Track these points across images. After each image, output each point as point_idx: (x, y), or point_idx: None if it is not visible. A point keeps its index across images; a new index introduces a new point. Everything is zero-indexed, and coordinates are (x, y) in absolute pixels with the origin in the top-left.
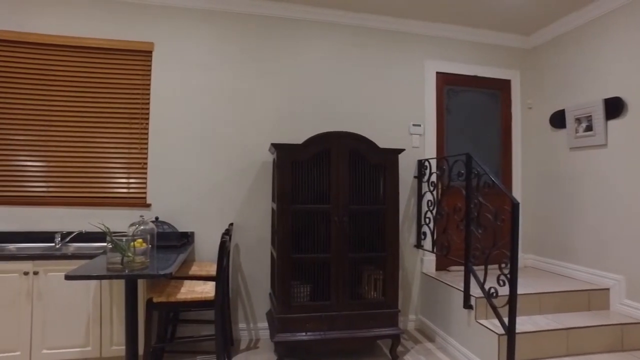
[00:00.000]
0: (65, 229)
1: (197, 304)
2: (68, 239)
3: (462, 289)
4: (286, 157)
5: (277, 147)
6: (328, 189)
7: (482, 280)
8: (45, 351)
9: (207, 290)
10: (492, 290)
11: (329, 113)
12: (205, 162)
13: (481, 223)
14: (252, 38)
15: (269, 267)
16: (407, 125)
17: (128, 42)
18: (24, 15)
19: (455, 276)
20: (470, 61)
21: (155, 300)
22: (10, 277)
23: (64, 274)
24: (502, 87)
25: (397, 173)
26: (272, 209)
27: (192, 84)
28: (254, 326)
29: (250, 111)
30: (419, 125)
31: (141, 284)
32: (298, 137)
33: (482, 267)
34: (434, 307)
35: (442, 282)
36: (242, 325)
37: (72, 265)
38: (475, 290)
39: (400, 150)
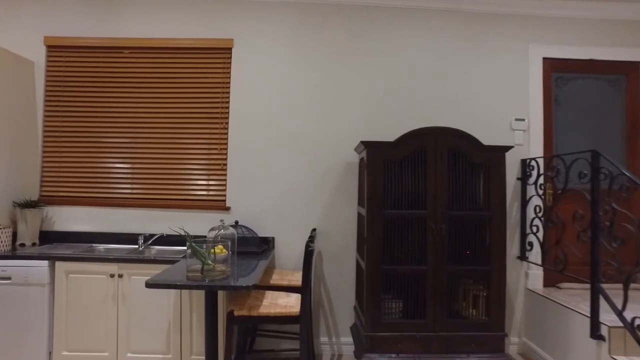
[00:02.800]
0: (148, 230)
1: (280, 319)
2: (150, 241)
3: (587, 314)
4: (377, 156)
5: (367, 145)
6: (424, 193)
7: (619, 306)
8: (129, 354)
9: (291, 303)
10: (639, 322)
11: (420, 108)
12: (286, 162)
13: (617, 234)
14: (335, 30)
15: (354, 277)
16: (509, 120)
17: (208, 39)
18: (113, 23)
19: (570, 295)
20: (584, 42)
21: (236, 313)
22: (98, 278)
23: (145, 278)
24: (627, 71)
25: (504, 174)
26: (359, 214)
27: (272, 81)
28: (336, 340)
29: (334, 108)
30: (523, 120)
31: (221, 293)
32: (385, 135)
33: (615, 287)
34: (542, 330)
35: (554, 301)
36: (323, 339)
37: (154, 270)
38: (606, 317)
39: (508, 148)
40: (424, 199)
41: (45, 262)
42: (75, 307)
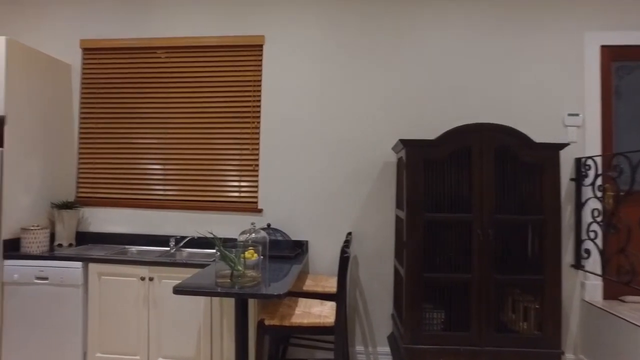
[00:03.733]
0: (180, 232)
1: (314, 329)
2: (181, 243)
3: None
4: (417, 155)
5: (406, 144)
6: (468, 195)
7: None
8: (160, 359)
9: (325, 312)
10: None
11: (462, 105)
12: (320, 163)
13: None
14: (370, 22)
15: (392, 284)
16: (561, 116)
17: (239, 37)
18: (145, 23)
19: (636, 310)
20: None
21: (267, 323)
22: (130, 281)
23: (175, 282)
24: None
25: (558, 174)
26: (397, 217)
27: (305, 78)
28: (372, 350)
29: (370, 106)
30: (577, 115)
31: (252, 300)
32: (425, 134)
33: None
34: (602, 347)
35: (618, 316)
36: (359, 348)
37: (184, 273)
38: None
39: (563, 145)
40: (469, 202)
41: (79, 264)
42: (107, 309)
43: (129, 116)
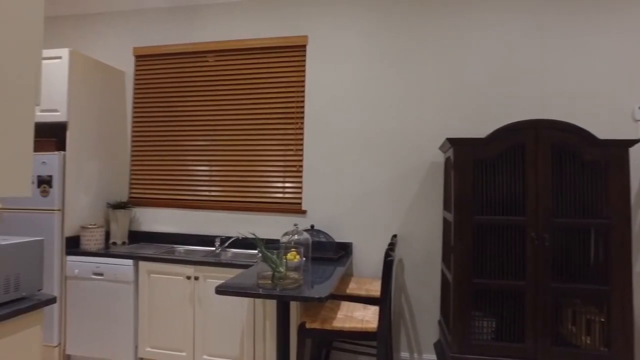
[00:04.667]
0: (225, 233)
1: (356, 335)
2: (226, 244)
3: None
4: (466, 154)
5: (454, 143)
6: (522, 197)
7: None
8: (205, 357)
9: (368, 317)
10: None
11: (513, 99)
12: (364, 163)
13: None
14: (416, 18)
15: (439, 288)
16: (629, 109)
17: (282, 38)
18: (193, 29)
19: None
20: None
21: (308, 326)
22: (176, 279)
23: (219, 281)
24: None
25: (628, 174)
26: (444, 220)
27: (348, 77)
28: (418, 357)
29: (416, 105)
30: None
31: (294, 302)
32: (475, 132)
33: None
34: None
35: None
36: (404, 354)
37: (228, 273)
38: None
39: (632, 142)
40: (522, 204)
41: (131, 262)
42: (156, 306)
43: (177, 119)
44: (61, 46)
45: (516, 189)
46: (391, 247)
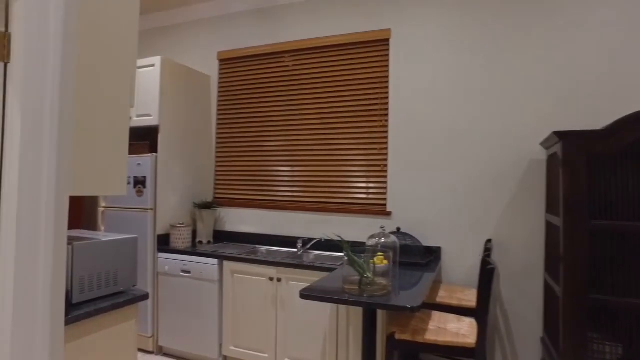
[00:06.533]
0: (306, 234)
1: (451, 349)
2: (308, 246)
3: None
4: (579, 149)
5: (564, 137)
6: None
7: None
8: None
9: (463, 331)
10: None
11: (624, 89)
12: (454, 162)
13: None
14: (511, 2)
15: (542, 302)
16: None
17: (364, 33)
18: (274, 29)
19: None
20: None
21: (397, 337)
22: (259, 280)
23: (302, 284)
24: None
25: None
26: (548, 224)
27: (435, 71)
28: None
29: (511, 98)
30: None
31: (381, 310)
32: (582, 124)
33: None
34: None
35: None
36: None
37: (311, 276)
38: None
39: None
40: None
41: (215, 261)
42: (239, 306)
43: (259, 121)
44: (154, 55)
45: None
46: (487, 253)
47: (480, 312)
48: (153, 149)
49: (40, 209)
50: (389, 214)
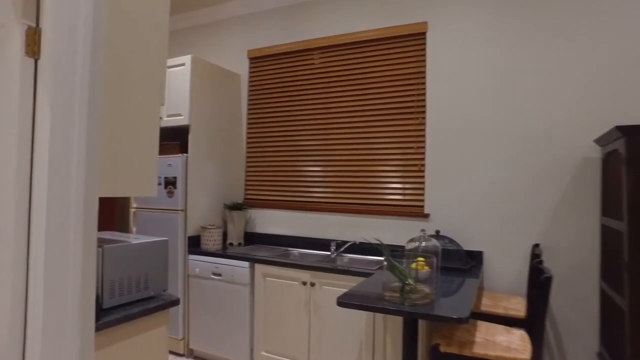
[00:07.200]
0: (339, 236)
1: None
2: (342, 249)
3: None
4: None
5: (629, 132)
6: None
7: None
8: None
9: (515, 345)
10: None
11: None
12: (496, 161)
13: None
14: None
15: (597, 312)
16: None
17: (399, 27)
18: (305, 26)
19: None
20: None
21: (443, 349)
22: (292, 284)
23: (337, 289)
24: None
25: None
26: (604, 228)
27: (476, 64)
28: None
29: (559, 92)
30: None
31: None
32: (637, 119)
33: None
34: None
35: None
36: None
37: (346, 281)
38: None
39: None
40: None
41: (247, 263)
42: (271, 310)
43: (289, 120)
44: (184, 55)
45: None
46: (539, 260)
47: (535, 326)
48: (183, 149)
49: (69, 210)
50: (426, 216)
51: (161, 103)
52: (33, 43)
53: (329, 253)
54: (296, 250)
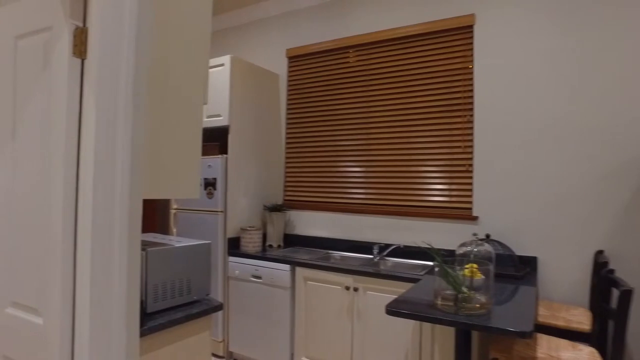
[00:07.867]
0: (380, 239)
1: None
2: (385, 252)
3: None
4: None
5: None
6: None
7: None
8: None
9: None
10: None
11: None
12: (551, 161)
13: None
14: None
15: None
16: None
17: (444, 20)
18: (344, 23)
19: None
20: None
21: None
22: (334, 289)
23: (381, 295)
24: None
25: None
26: None
27: (528, 59)
28: None
29: (624, 86)
30: None
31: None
32: None
33: None
34: None
35: None
36: None
37: (390, 286)
38: None
39: None
40: None
41: (287, 266)
42: (313, 315)
43: (329, 119)
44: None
45: None
46: (609, 269)
47: (616, 346)
48: (223, 150)
49: (114, 212)
50: (474, 218)
51: (204, 102)
52: (80, 43)
53: (371, 256)
54: (337, 253)
